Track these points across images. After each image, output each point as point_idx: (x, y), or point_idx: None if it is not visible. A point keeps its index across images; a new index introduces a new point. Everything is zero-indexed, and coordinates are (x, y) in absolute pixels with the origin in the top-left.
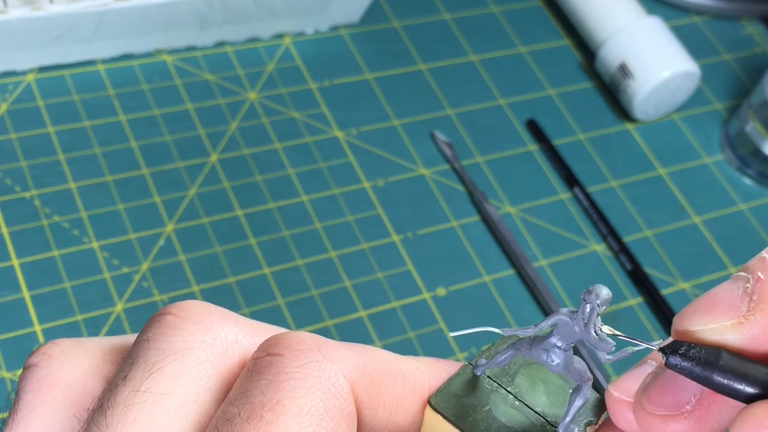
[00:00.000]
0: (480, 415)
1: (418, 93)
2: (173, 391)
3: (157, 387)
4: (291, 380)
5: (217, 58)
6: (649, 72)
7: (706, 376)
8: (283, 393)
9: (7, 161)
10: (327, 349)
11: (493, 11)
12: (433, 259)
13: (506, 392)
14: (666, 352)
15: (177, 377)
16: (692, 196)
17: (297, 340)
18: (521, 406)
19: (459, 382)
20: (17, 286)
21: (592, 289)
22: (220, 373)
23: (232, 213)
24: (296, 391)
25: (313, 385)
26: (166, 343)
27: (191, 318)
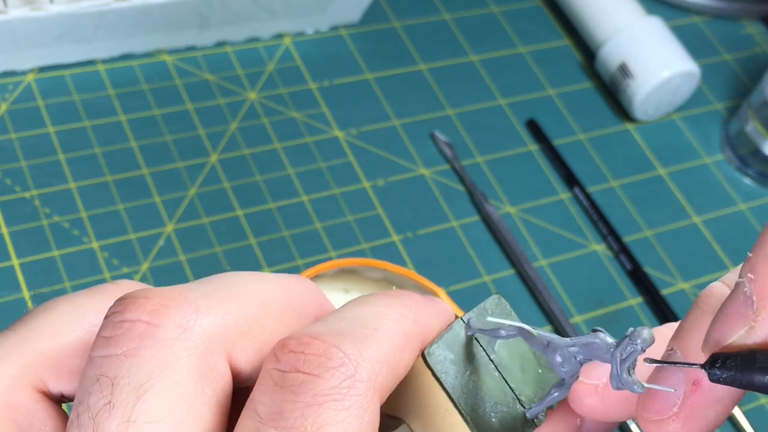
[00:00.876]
0: (464, 380)
1: (418, 93)
2: (168, 414)
3: (150, 414)
4: (331, 402)
5: (217, 58)
6: (649, 72)
7: (747, 379)
8: (325, 418)
9: (7, 161)
10: (355, 358)
11: (493, 11)
12: (433, 259)
13: (488, 360)
14: (707, 368)
15: (168, 397)
16: (692, 196)
17: (325, 353)
18: (499, 378)
19: (450, 339)
20: (17, 286)
21: (639, 332)
22: (207, 376)
23: (232, 213)
24: (337, 414)
25: (351, 405)
26: (147, 360)
27: (165, 322)
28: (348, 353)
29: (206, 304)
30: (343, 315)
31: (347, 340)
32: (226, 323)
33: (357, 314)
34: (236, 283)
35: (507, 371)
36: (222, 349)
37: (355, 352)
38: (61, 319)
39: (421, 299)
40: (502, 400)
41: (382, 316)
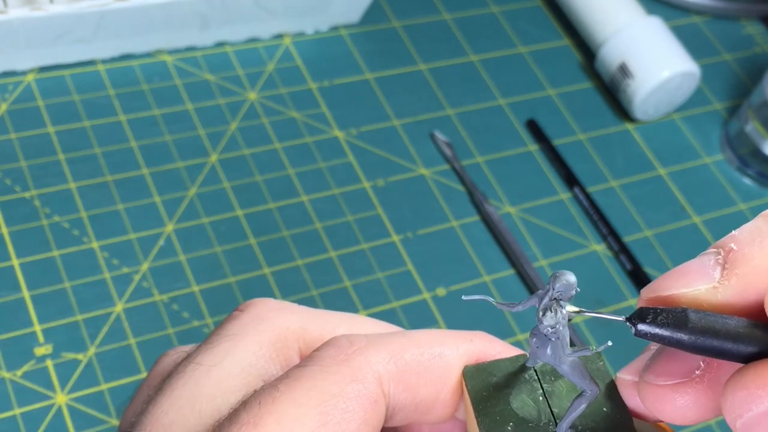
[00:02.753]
0: (496, 394)
1: (418, 93)
2: (220, 364)
3: (207, 360)
4: (315, 366)
5: (217, 58)
6: (649, 72)
7: (677, 338)
8: (303, 374)
9: (7, 161)
10: (359, 344)
11: (493, 11)
12: (433, 259)
13: (539, 387)
14: (633, 321)
15: (225, 354)
16: (692, 196)
17: (337, 338)
18: (542, 402)
19: (504, 365)
20: (17, 286)
21: (557, 274)
22: (271, 356)
23: (232, 213)
24: (314, 373)
25: (336, 371)
26: (224, 330)
27: (249, 311)
28: (353, 340)
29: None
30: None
31: (366, 336)
32: None
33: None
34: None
35: (556, 400)
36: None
37: (363, 341)
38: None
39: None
40: (534, 419)
41: (426, 331)
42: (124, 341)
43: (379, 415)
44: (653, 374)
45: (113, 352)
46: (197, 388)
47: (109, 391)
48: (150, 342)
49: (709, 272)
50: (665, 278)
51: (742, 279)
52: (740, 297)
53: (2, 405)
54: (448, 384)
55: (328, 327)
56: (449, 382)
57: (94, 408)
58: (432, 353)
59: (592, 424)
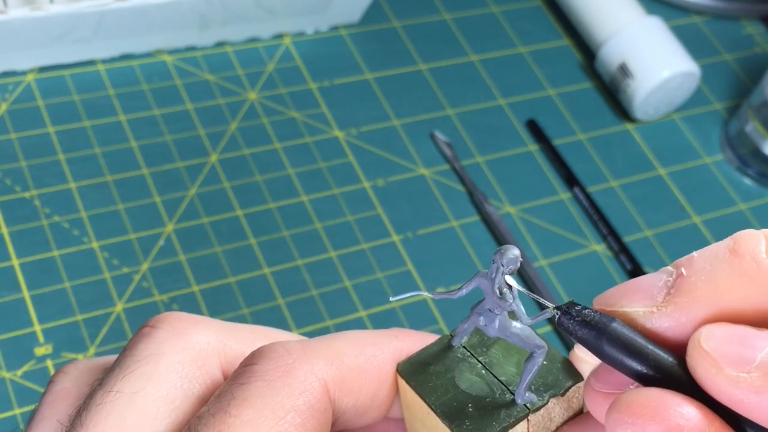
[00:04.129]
0: (441, 381)
1: (418, 93)
2: (143, 390)
3: (128, 387)
4: (259, 381)
5: (217, 58)
6: (649, 72)
7: (594, 341)
8: (251, 392)
9: (7, 161)
10: (297, 353)
11: (493, 11)
12: (433, 259)
13: (476, 361)
14: (561, 310)
15: (147, 378)
16: (692, 196)
17: (270, 348)
18: (487, 374)
19: (432, 351)
20: (17, 286)
21: (501, 250)
22: (195, 375)
23: (232, 213)
24: (263, 390)
25: (282, 384)
26: (139, 351)
27: (164, 327)
28: (290, 349)
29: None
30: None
31: (299, 343)
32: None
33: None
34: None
35: (498, 369)
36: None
37: (298, 348)
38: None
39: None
40: (488, 393)
41: (353, 333)
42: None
43: (328, 424)
44: (595, 378)
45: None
46: (122, 419)
47: None
48: None
49: (654, 294)
50: (616, 290)
51: (680, 309)
52: (674, 328)
53: (2, 405)
54: (385, 384)
55: (246, 341)
56: (385, 382)
57: None
58: (367, 354)
59: (540, 380)
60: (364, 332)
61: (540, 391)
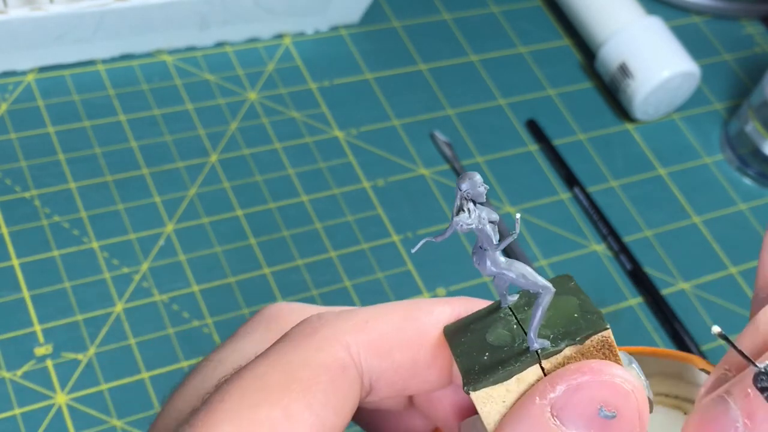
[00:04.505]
0: (473, 336)
1: (418, 93)
2: (227, 359)
3: (217, 357)
4: (283, 341)
5: (217, 58)
6: (649, 72)
7: None
8: (273, 349)
9: (7, 161)
10: (327, 318)
11: (493, 11)
12: (433, 259)
13: (513, 319)
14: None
15: (233, 351)
16: (692, 196)
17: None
18: (517, 329)
19: (480, 313)
20: (17, 286)
21: (462, 176)
22: None
23: (232, 213)
24: (282, 348)
25: (300, 343)
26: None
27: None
28: (323, 316)
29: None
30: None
31: (336, 310)
32: None
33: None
34: None
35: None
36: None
37: (331, 315)
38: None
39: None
40: (509, 343)
41: (400, 302)
42: (124, 341)
43: (351, 382)
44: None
45: (113, 352)
46: (203, 383)
47: (109, 391)
48: (150, 342)
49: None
50: None
51: None
52: None
53: (2, 405)
54: (425, 346)
55: None
56: (425, 344)
57: (94, 408)
58: (403, 317)
59: (562, 330)
60: (413, 300)
61: (557, 338)
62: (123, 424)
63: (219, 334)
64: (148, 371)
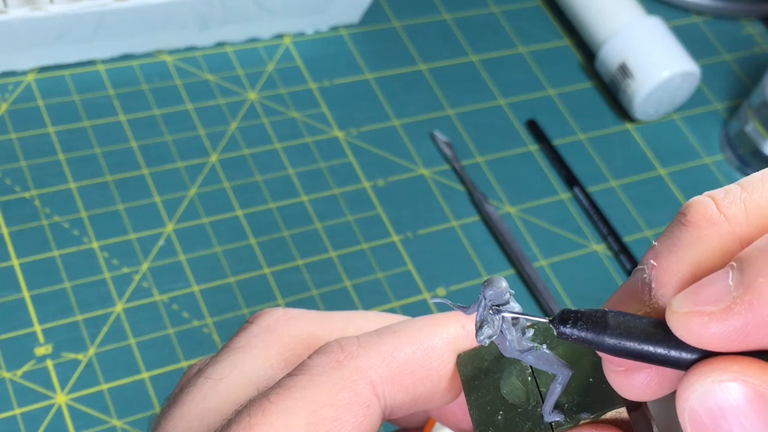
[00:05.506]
0: (487, 381)
1: (418, 93)
2: (228, 376)
3: (216, 374)
4: (306, 374)
5: (217, 58)
6: (649, 72)
7: (597, 340)
8: (294, 383)
9: (7, 161)
10: (350, 349)
11: (493, 11)
12: (433, 259)
13: (528, 367)
14: (555, 323)
15: (233, 367)
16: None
17: (328, 344)
18: (531, 382)
19: (495, 348)
20: (17, 286)
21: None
22: (279, 365)
23: (232, 213)
24: (306, 382)
25: (326, 379)
26: (233, 343)
27: (257, 322)
28: (345, 346)
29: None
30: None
31: (356, 339)
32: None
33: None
34: None
35: (545, 376)
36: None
37: (353, 345)
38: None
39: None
40: (523, 403)
41: (415, 322)
42: (124, 341)
43: (373, 419)
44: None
45: (113, 352)
46: (205, 402)
47: (109, 391)
48: (150, 342)
49: (641, 296)
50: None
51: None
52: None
53: (2, 405)
54: (444, 375)
55: (336, 330)
56: (445, 373)
57: (94, 408)
58: (424, 348)
59: (578, 399)
60: (429, 320)
61: (572, 411)
62: (123, 424)
63: (219, 334)
64: (148, 371)
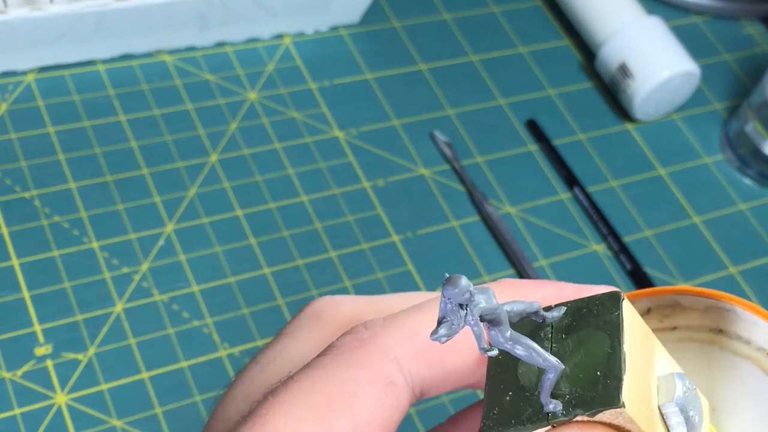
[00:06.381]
0: (507, 357)
1: (418, 93)
2: (273, 361)
3: (263, 358)
4: (329, 355)
5: (217, 58)
6: (649, 72)
7: None
8: (319, 362)
9: (7, 161)
10: (375, 328)
11: (493, 11)
12: (433, 259)
13: (549, 345)
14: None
15: (278, 352)
16: (692, 196)
17: (355, 326)
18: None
19: (526, 323)
20: (17, 286)
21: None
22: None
23: (232, 213)
24: (329, 361)
25: (349, 357)
26: (283, 330)
27: (306, 309)
28: (369, 326)
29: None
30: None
31: (382, 320)
32: None
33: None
34: None
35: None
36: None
37: (378, 325)
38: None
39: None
40: (531, 387)
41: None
42: (124, 341)
43: (399, 396)
44: None
45: (113, 352)
46: (251, 386)
47: (109, 391)
48: (150, 342)
49: None
50: None
51: None
52: None
53: (2, 405)
54: (474, 347)
55: (383, 312)
56: (476, 347)
57: (94, 408)
58: None
59: (580, 392)
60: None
61: (570, 403)
62: (123, 424)
63: (219, 334)
64: (148, 371)
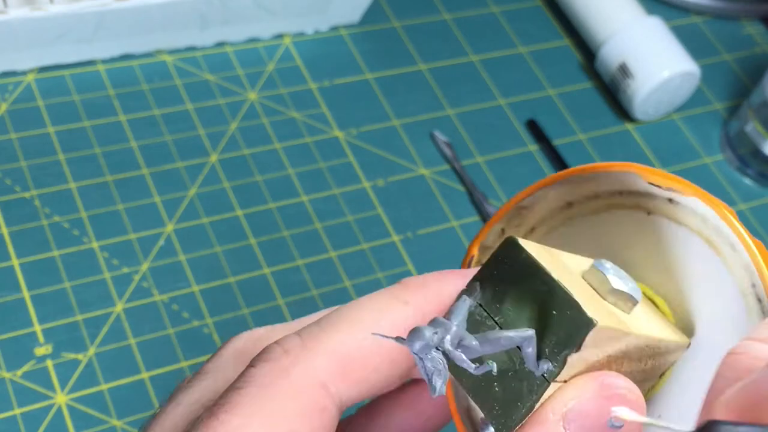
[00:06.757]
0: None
1: (418, 93)
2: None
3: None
4: (252, 386)
5: (217, 58)
6: (649, 72)
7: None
8: (242, 398)
9: (7, 161)
10: (295, 352)
11: (493, 11)
12: (433, 259)
13: (493, 323)
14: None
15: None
16: None
17: (269, 349)
18: None
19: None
20: (17, 286)
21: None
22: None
23: (232, 213)
24: (254, 396)
25: (275, 390)
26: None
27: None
28: (289, 349)
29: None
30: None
31: (299, 340)
32: None
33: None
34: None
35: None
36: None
37: (296, 345)
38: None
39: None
40: (509, 365)
41: (358, 307)
42: (124, 341)
43: (330, 420)
44: None
45: (113, 352)
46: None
47: (109, 391)
48: (150, 342)
49: None
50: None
51: None
52: None
53: (2, 405)
54: (397, 358)
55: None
56: (397, 356)
57: (94, 408)
58: (370, 336)
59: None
60: (369, 301)
61: (554, 353)
62: (123, 424)
63: (219, 335)
64: (148, 371)
